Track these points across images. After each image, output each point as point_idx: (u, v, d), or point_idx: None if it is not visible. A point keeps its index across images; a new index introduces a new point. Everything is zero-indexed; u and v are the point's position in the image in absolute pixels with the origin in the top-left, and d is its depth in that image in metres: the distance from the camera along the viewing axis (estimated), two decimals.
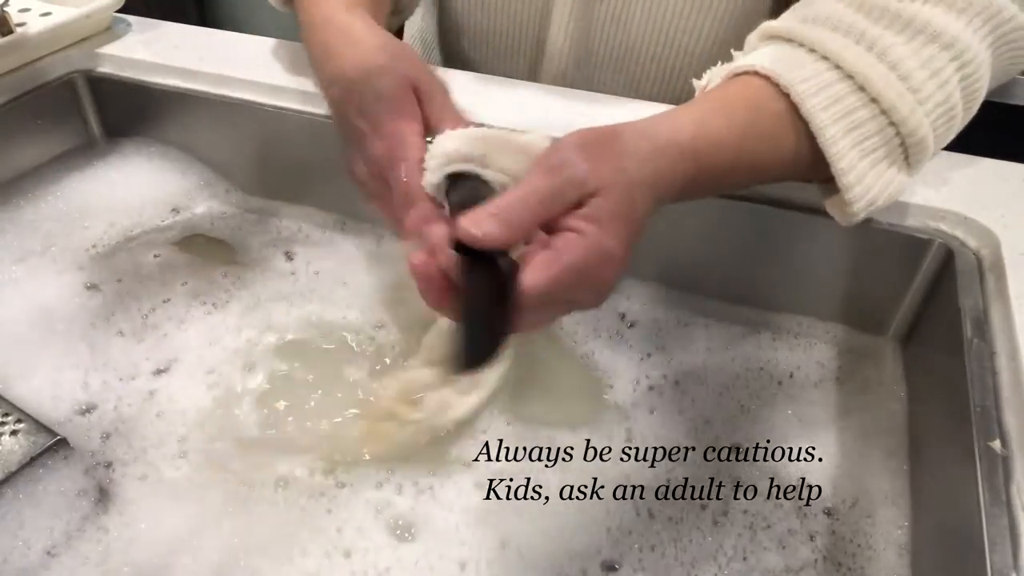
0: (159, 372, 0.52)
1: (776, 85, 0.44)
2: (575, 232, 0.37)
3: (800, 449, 0.48)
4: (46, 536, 0.43)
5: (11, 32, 0.64)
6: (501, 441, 0.48)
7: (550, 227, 0.37)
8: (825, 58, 0.44)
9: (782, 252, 0.54)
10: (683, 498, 0.46)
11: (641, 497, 0.45)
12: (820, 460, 0.48)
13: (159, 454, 0.47)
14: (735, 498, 0.46)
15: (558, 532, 0.44)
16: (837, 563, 0.43)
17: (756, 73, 0.45)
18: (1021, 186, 0.52)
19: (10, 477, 0.45)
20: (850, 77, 0.44)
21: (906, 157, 0.46)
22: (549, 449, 0.48)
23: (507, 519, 0.44)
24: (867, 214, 0.46)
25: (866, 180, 0.45)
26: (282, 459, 0.47)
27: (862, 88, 0.44)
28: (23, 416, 0.48)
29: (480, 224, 0.35)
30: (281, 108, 0.63)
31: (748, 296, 0.57)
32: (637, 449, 0.48)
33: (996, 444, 0.38)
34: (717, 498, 0.46)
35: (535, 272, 0.35)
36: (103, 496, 0.45)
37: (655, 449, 0.48)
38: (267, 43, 0.70)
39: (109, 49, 0.70)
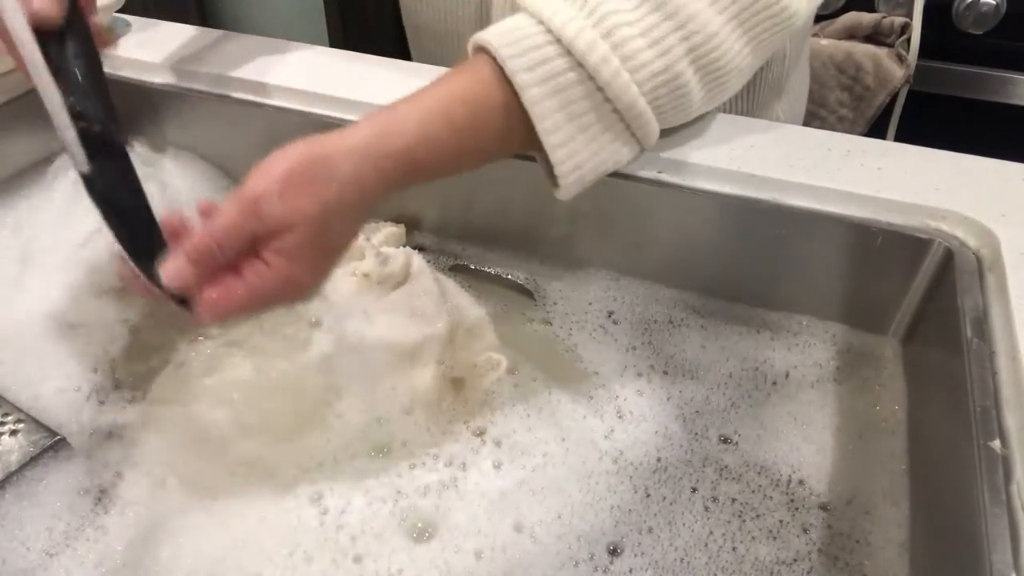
0: (161, 372, 0.52)
1: (501, 67, 0.44)
2: (266, 264, 0.40)
3: (795, 446, 0.48)
4: (45, 536, 0.43)
5: None
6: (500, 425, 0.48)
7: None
8: (542, 23, 0.45)
9: (782, 251, 0.54)
10: (674, 478, 0.46)
11: (636, 473, 0.46)
12: (816, 457, 0.48)
13: (160, 455, 0.47)
14: (722, 484, 0.46)
15: (568, 512, 0.44)
16: (834, 557, 0.43)
17: (483, 49, 0.45)
18: (1021, 186, 0.52)
19: (10, 477, 0.45)
20: (558, 41, 0.44)
21: (627, 127, 0.47)
22: (545, 424, 0.48)
23: (523, 501, 0.45)
24: (580, 182, 0.47)
25: (573, 144, 0.46)
26: (288, 461, 0.47)
27: (569, 52, 0.44)
28: (23, 416, 0.48)
29: (180, 273, 0.40)
30: (281, 108, 0.63)
31: (746, 295, 0.57)
32: (627, 426, 0.49)
33: (996, 444, 0.38)
34: (707, 483, 0.46)
35: (220, 296, 0.40)
36: (103, 496, 0.45)
37: (643, 426, 0.49)
38: (267, 43, 0.70)
39: (109, 49, 0.69)
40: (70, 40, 0.45)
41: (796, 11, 0.49)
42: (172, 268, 0.40)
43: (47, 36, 0.43)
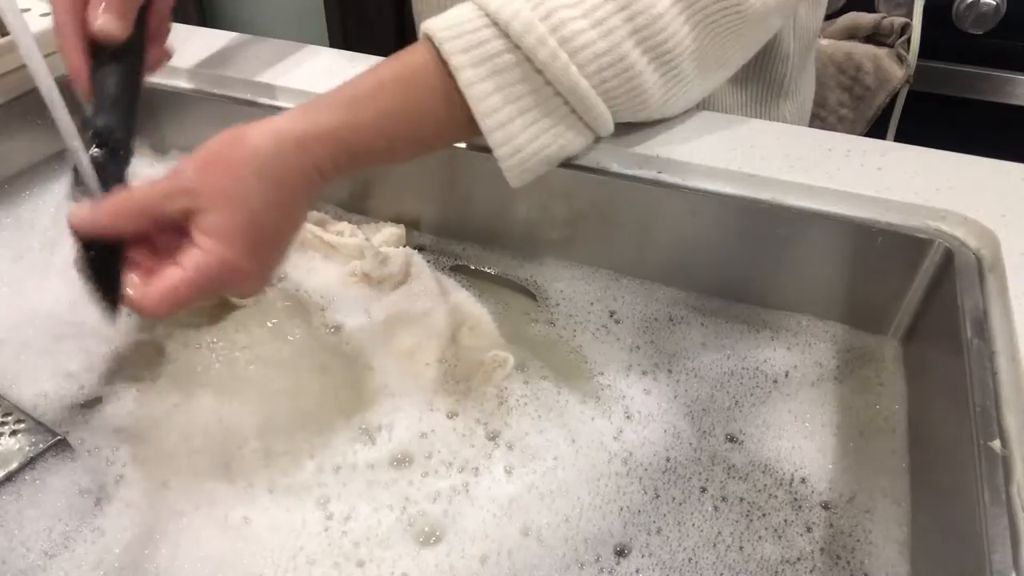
0: (163, 373, 0.52)
1: (438, 51, 0.44)
2: (198, 248, 0.41)
3: (796, 444, 0.48)
4: (44, 537, 0.43)
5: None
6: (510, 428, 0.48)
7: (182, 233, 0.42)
8: (480, 8, 0.45)
9: (782, 251, 0.54)
10: (684, 478, 0.46)
11: (646, 473, 0.46)
12: (817, 455, 0.48)
13: (162, 455, 0.47)
14: (730, 483, 0.46)
15: (576, 515, 0.44)
16: (835, 556, 0.43)
17: (426, 36, 0.46)
18: (1021, 186, 0.52)
19: (10, 477, 0.45)
20: (495, 24, 0.44)
21: (572, 111, 0.47)
22: (555, 426, 0.48)
23: (532, 505, 0.45)
24: (523, 166, 0.47)
25: (511, 127, 0.45)
26: (291, 462, 0.47)
27: (506, 35, 0.44)
28: (23, 416, 0.48)
29: (84, 213, 0.42)
30: (281, 108, 0.63)
31: (746, 294, 0.57)
32: (636, 426, 0.49)
33: (996, 444, 0.38)
34: (716, 483, 0.46)
35: (161, 285, 0.41)
36: (103, 497, 0.45)
37: (652, 426, 0.49)
38: (267, 43, 0.70)
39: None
40: (122, 60, 0.48)
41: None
42: (85, 210, 0.42)
43: (102, 51, 0.47)
